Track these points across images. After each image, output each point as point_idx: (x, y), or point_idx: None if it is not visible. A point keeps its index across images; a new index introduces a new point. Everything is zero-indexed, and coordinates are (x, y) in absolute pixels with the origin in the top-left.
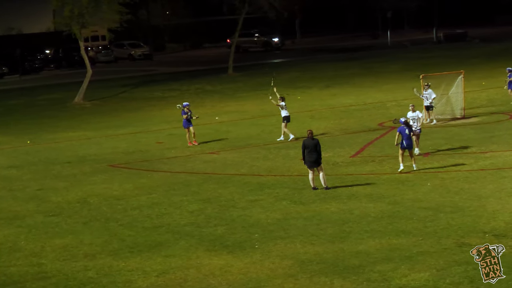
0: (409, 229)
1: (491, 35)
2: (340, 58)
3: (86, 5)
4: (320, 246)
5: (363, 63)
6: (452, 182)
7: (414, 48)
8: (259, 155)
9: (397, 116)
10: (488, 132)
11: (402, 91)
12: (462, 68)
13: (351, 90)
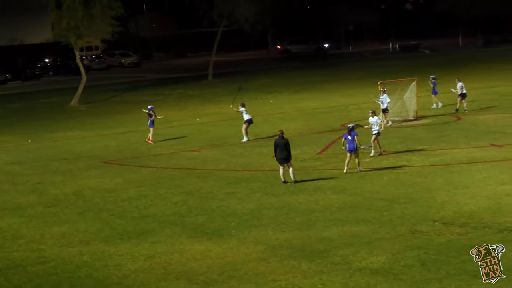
0: (368, 218)
1: (440, 46)
2: (308, 66)
3: (81, 18)
4: (290, 233)
5: (328, 70)
6: (406, 176)
7: (373, 58)
8: (236, 153)
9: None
10: (438, 132)
11: (362, 96)
12: (415, 75)
13: (317, 94)
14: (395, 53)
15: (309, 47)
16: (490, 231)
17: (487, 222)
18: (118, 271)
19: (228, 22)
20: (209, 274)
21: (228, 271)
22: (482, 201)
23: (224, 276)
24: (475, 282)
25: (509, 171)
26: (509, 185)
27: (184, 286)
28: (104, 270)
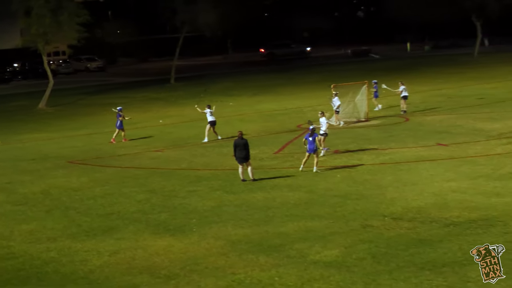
0: (322, 214)
1: (390, 52)
2: (265, 70)
3: (49, 25)
4: (248, 229)
5: (285, 75)
6: (357, 174)
7: (328, 62)
8: (197, 153)
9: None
10: (388, 132)
11: (317, 99)
12: (366, 79)
13: (274, 97)
14: (348, 58)
15: (293, 50)
16: (437, 225)
17: (434, 217)
18: (84, 266)
19: (190, 28)
20: (171, 268)
21: (190, 265)
22: (429, 197)
23: (186, 270)
24: (422, 274)
25: (454, 169)
26: (455, 182)
27: (148, 280)
28: (71, 265)
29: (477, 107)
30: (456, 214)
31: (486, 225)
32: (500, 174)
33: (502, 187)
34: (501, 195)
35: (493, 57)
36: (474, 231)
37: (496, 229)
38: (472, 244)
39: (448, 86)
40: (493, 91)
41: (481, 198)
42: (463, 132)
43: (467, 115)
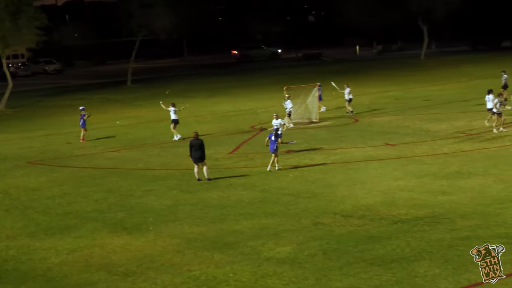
0: (275, 212)
1: (340, 55)
2: (220, 73)
3: (8, 28)
4: (204, 227)
5: (238, 77)
6: (309, 173)
7: (280, 65)
8: (153, 153)
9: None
10: (338, 133)
11: (269, 100)
12: (317, 81)
13: (229, 99)
14: (299, 61)
15: (265, 52)
16: (385, 222)
17: (383, 214)
18: (43, 264)
19: (146, 32)
20: (128, 266)
21: (146, 262)
22: (378, 196)
23: (143, 268)
24: (372, 269)
25: (402, 168)
26: (402, 180)
27: (105, 277)
28: (30, 263)
29: (423, 108)
30: (404, 212)
31: (433, 222)
32: (446, 173)
33: (448, 186)
34: (447, 193)
35: (439, 60)
36: (421, 228)
37: (442, 226)
38: (419, 241)
39: (396, 88)
40: (439, 92)
41: (428, 196)
42: (410, 132)
43: (414, 116)
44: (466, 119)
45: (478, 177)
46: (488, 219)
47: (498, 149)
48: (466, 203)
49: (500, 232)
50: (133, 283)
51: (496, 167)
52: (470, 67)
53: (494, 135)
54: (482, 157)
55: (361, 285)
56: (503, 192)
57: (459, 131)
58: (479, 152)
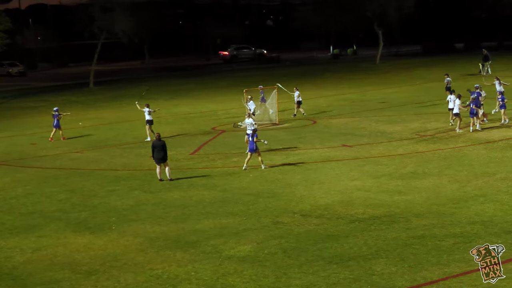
0: (236, 211)
1: (297, 59)
2: (181, 76)
3: None
4: (166, 226)
5: (199, 79)
6: (269, 174)
7: (239, 68)
8: (116, 154)
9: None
10: (297, 134)
11: (229, 102)
12: (275, 84)
13: (190, 101)
14: (258, 64)
15: (252, 52)
16: (343, 221)
17: (340, 213)
18: (8, 263)
19: (107, 35)
20: (91, 264)
21: (109, 261)
22: (336, 195)
23: (106, 266)
24: (330, 267)
25: (358, 169)
26: (359, 181)
27: (69, 276)
28: None
29: (379, 110)
30: (361, 211)
31: (389, 221)
32: (401, 173)
33: (404, 186)
34: (403, 193)
35: (394, 64)
36: (378, 227)
37: (398, 225)
38: (376, 239)
39: (352, 91)
40: (394, 95)
41: (384, 196)
42: (366, 134)
43: (369, 118)
44: (420, 121)
45: (433, 178)
46: (443, 219)
47: (452, 150)
48: (421, 203)
49: (454, 231)
50: (97, 282)
51: (450, 168)
52: (423, 70)
53: (448, 136)
54: (436, 157)
55: (319, 282)
56: (457, 192)
57: (414, 132)
58: (434, 153)
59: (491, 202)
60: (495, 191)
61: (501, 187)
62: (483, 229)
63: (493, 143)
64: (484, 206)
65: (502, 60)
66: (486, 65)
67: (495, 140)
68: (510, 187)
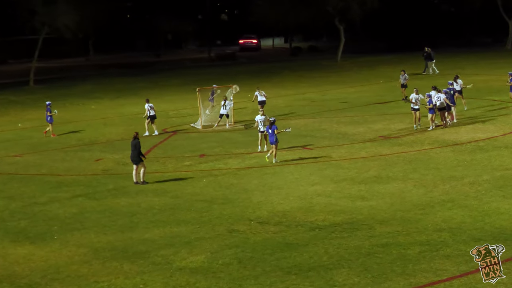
0: (188, 219)
1: (255, 56)
2: (129, 73)
3: None
4: (112, 236)
5: (149, 78)
6: (224, 178)
7: (192, 66)
8: (58, 157)
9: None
10: (253, 136)
11: (182, 102)
12: (231, 82)
13: (138, 100)
14: (212, 61)
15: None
16: (302, 229)
17: (300, 220)
18: None
19: (49, 29)
20: (32, 277)
21: (51, 274)
22: (295, 201)
23: (47, 279)
24: (289, 278)
25: (319, 173)
26: (319, 185)
27: None
28: None
29: (340, 111)
30: (321, 218)
31: (351, 229)
32: (364, 177)
33: (367, 191)
34: (365, 198)
35: (356, 61)
36: (339, 235)
37: (361, 232)
38: (337, 248)
39: (312, 90)
40: (357, 95)
41: (346, 201)
42: (327, 135)
43: (330, 119)
44: (384, 122)
45: (398, 182)
46: (408, 226)
47: (418, 153)
48: (385, 209)
49: (420, 239)
50: None
51: (416, 172)
52: (387, 68)
53: (413, 138)
54: (401, 161)
55: None
56: (424, 197)
57: (377, 134)
58: (398, 156)
59: (459, 208)
60: (464, 196)
61: (469, 192)
62: (450, 236)
63: (461, 145)
64: (452, 212)
65: (470, 57)
66: (430, 65)
67: (463, 142)
68: (479, 192)
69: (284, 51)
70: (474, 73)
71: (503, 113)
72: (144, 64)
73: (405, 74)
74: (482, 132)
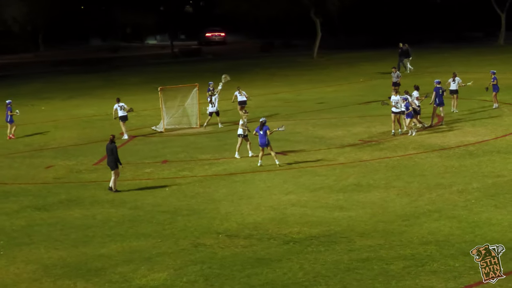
0: (149, 232)
1: (223, 51)
2: (82, 71)
3: None
4: (64, 251)
5: (104, 75)
6: (188, 187)
7: (153, 62)
8: (4, 164)
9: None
10: (221, 140)
11: (141, 103)
12: (196, 81)
13: (93, 101)
14: (176, 57)
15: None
16: (275, 242)
17: (272, 233)
18: None
19: None
20: None
21: None
22: (267, 212)
23: None
24: None
25: (293, 180)
26: (294, 194)
27: None
28: None
29: (317, 112)
30: (296, 230)
31: (328, 242)
32: (343, 185)
33: (346, 200)
34: (344, 208)
35: (334, 58)
36: (315, 249)
37: (339, 246)
38: (314, 263)
39: (286, 89)
40: (334, 94)
41: (323, 212)
42: (303, 139)
43: (306, 121)
44: (364, 125)
45: (379, 190)
46: (391, 238)
47: (401, 158)
48: (366, 220)
49: (404, 253)
50: None
51: (399, 179)
52: (368, 65)
53: (396, 142)
54: (383, 167)
55: None
56: (408, 207)
57: (357, 138)
58: (380, 161)
59: (446, 219)
60: (452, 205)
61: (458, 201)
62: (437, 250)
63: (449, 150)
64: (439, 224)
65: (459, 53)
66: (406, 62)
67: (451, 147)
68: (469, 201)
69: (255, 46)
70: (464, 70)
71: (494, 114)
72: (99, 61)
73: (397, 71)
74: (472, 136)
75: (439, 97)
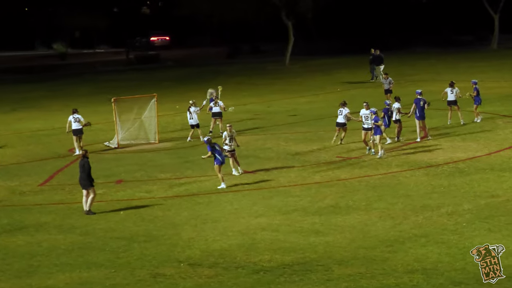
0: (101, 261)
1: (183, 57)
2: (26, 80)
3: None
4: (6, 283)
5: (51, 85)
6: (146, 210)
7: (106, 70)
8: None
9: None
10: (183, 157)
11: (93, 115)
12: (155, 91)
13: (38, 114)
14: (131, 64)
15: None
16: (244, 271)
17: (240, 261)
18: None
19: None
20: None
21: None
22: (234, 237)
23: None
24: None
25: (263, 202)
26: (264, 217)
27: None
28: None
29: (289, 125)
30: (267, 258)
31: (303, 271)
32: (319, 207)
33: (322, 223)
34: (321, 233)
35: (308, 65)
36: (289, 278)
37: (316, 275)
38: None
39: (255, 100)
40: (309, 106)
41: (296, 237)
42: (274, 156)
43: (277, 135)
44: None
45: (360, 213)
46: (373, 266)
47: (384, 177)
48: (344, 246)
49: (388, 282)
50: None
51: (381, 200)
52: (346, 73)
53: (378, 159)
54: (363, 187)
55: None
56: (391, 232)
57: (335, 154)
58: (360, 180)
59: (435, 244)
60: (440, 229)
61: (447, 224)
62: (424, 279)
63: (436, 167)
64: (426, 250)
65: (447, 59)
66: (378, 69)
67: (439, 164)
68: (459, 225)
69: (220, 52)
70: (452, 78)
71: (487, 128)
72: (45, 68)
73: (389, 78)
74: (462, 151)
75: (419, 109)
